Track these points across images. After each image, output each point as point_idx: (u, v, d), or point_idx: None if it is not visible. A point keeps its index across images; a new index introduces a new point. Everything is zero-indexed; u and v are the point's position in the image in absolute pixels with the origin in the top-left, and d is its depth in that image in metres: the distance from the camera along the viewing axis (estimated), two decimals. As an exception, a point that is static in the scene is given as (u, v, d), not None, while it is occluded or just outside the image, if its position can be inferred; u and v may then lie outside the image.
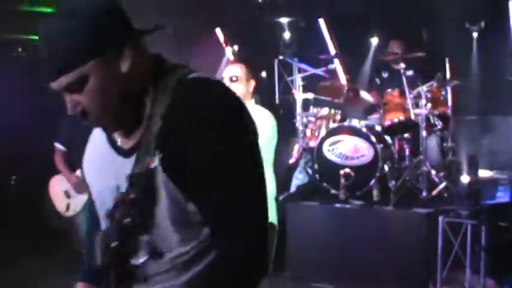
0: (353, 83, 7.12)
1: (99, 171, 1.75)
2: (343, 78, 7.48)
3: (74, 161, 5.22)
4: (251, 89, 3.92)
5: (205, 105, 1.53)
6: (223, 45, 7.85)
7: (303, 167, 6.33)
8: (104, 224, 1.72)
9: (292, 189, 6.20)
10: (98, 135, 1.75)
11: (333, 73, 7.18)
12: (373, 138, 5.73)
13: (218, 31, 7.77)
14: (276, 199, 3.90)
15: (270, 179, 3.82)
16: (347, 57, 7.31)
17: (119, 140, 1.68)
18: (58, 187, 5.58)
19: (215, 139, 1.51)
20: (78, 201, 5.43)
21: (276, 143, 3.81)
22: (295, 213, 5.79)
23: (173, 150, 1.53)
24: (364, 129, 5.82)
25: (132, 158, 1.60)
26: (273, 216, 3.79)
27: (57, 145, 5.40)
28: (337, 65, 7.43)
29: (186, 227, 1.60)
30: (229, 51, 7.86)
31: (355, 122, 5.99)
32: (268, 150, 3.74)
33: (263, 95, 6.38)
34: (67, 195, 5.53)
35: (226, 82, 3.85)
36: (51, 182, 5.65)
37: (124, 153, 1.66)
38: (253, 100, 3.94)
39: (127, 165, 1.59)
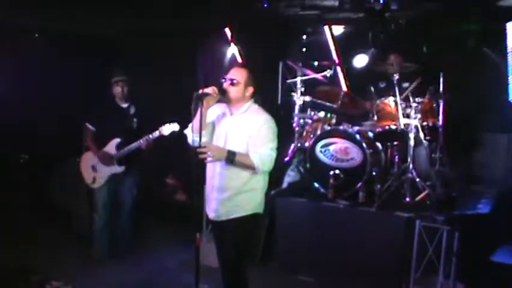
0: (353, 90, 7.41)
1: None
2: (343, 85, 7.77)
3: (101, 140, 6.05)
4: (248, 94, 4.20)
5: None
6: (230, 43, 8.13)
7: (295, 165, 6.65)
8: None
9: (284, 185, 6.52)
10: None
11: (334, 79, 7.47)
12: (363, 144, 6.04)
13: (227, 30, 8.05)
14: (266, 194, 4.23)
15: (263, 175, 4.17)
16: (348, 65, 7.58)
17: None
18: (87, 162, 6.18)
19: None
20: (102, 175, 6.07)
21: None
22: (285, 208, 6.12)
23: None
24: (356, 134, 6.12)
25: None
26: (261, 208, 4.16)
27: (88, 125, 6.05)
28: (338, 71, 7.73)
29: None
30: (235, 50, 8.15)
31: (348, 127, 6.30)
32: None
33: (266, 96, 6.65)
34: (93, 169, 6.11)
35: (227, 83, 4.15)
36: (82, 158, 6.27)
37: None
38: (250, 102, 4.22)
39: None
